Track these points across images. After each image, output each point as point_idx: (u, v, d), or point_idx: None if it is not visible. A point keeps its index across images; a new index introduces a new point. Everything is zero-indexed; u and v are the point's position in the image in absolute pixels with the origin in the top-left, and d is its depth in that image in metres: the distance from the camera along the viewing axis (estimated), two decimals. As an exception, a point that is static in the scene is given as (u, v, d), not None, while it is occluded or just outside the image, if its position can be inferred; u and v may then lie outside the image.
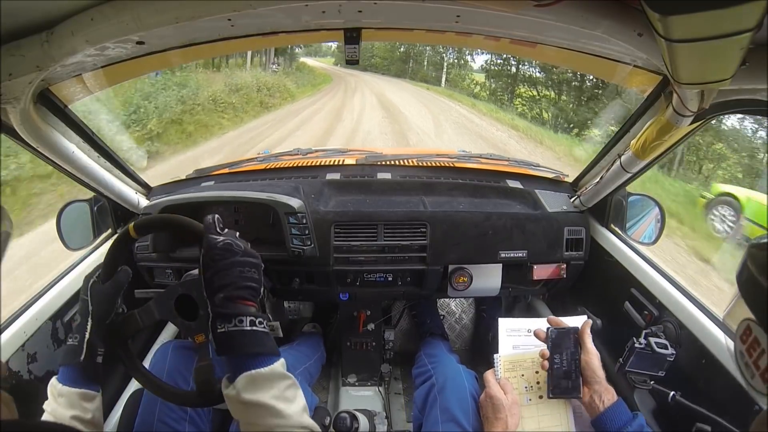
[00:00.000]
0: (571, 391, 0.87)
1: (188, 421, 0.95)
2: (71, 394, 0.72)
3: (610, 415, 0.81)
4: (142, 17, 0.61)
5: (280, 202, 1.18)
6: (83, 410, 0.72)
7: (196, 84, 8.95)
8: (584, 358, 0.87)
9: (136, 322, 0.82)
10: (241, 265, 0.67)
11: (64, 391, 0.72)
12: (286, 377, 0.65)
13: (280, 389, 0.63)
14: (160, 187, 1.41)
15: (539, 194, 1.37)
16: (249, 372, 0.62)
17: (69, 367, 0.74)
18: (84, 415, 0.72)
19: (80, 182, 1.10)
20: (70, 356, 0.75)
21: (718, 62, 0.55)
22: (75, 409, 0.71)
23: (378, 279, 1.29)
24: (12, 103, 0.74)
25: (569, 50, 0.86)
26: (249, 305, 0.66)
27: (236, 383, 0.62)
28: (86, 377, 0.74)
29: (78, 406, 0.72)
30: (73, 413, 0.71)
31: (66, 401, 0.72)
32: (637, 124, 1.02)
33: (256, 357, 0.63)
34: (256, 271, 0.69)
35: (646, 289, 1.10)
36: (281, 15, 0.74)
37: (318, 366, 1.46)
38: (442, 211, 1.26)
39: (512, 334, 0.96)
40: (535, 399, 0.90)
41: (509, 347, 0.94)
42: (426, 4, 0.65)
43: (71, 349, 0.75)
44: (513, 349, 0.94)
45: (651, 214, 1.22)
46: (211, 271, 0.66)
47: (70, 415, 0.70)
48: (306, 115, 10.86)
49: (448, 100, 16.83)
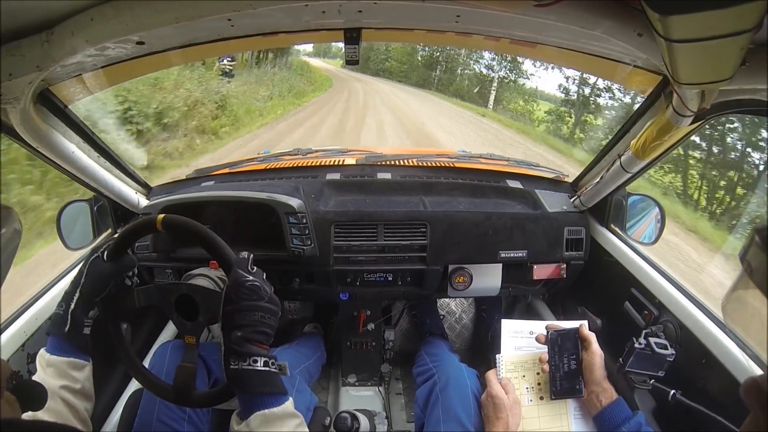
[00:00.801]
0: (573, 392, 0.87)
1: (187, 421, 0.95)
2: (60, 363, 0.72)
3: (608, 413, 0.82)
4: (142, 17, 0.61)
5: (280, 202, 1.18)
6: (72, 380, 0.72)
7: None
8: (586, 357, 0.87)
9: (132, 299, 0.81)
10: (263, 310, 0.69)
11: (53, 361, 0.72)
12: (296, 416, 0.68)
13: (291, 427, 0.66)
14: (160, 187, 1.41)
15: (539, 194, 1.37)
16: (262, 411, 0.64)
17: (56, 336, 0.74)
18: (73, 385, 0.71)
19: (80, 182, 1.10)
20: (56, 326, 0.75)
21: (718, 62, 0.55)
22: (64, 379, 0.71)
23: (378, 279, 1.29)
24: (12, 103, 0.74)
25: (569, 50, 0.86)
26: (263, 348, 0.68)
27: (249, 421, 0.64)
28: (74, 347, 0.74)
29: (67, 375, 0.72)
30: (63, 383, 0.71)
31: (54, 371, 0.71)
32: (637, 124, 1.02)
33: (268, 396, 0.66)
34: (275, 318, 0.71)
35: (646, 289, 1.10)
36: (281, 15, 0.74)
37: (318, 366, 1.46)
38: (442, 211, 1.26)
39: (515, 336, 0.96)
40: (536, 400, 0.90)
41: (511, 348, 0.95)
42: (426, 4, 0.65)
43: (57, 318, 0.75)
44: (515, 350, 0.95)
45: (651, 214, 1.22)
46: (233, 308, 0.68)
47: (59, 385, 0.70)
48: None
49: (513, 133, 10.75)
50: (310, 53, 22.46)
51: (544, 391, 0.90)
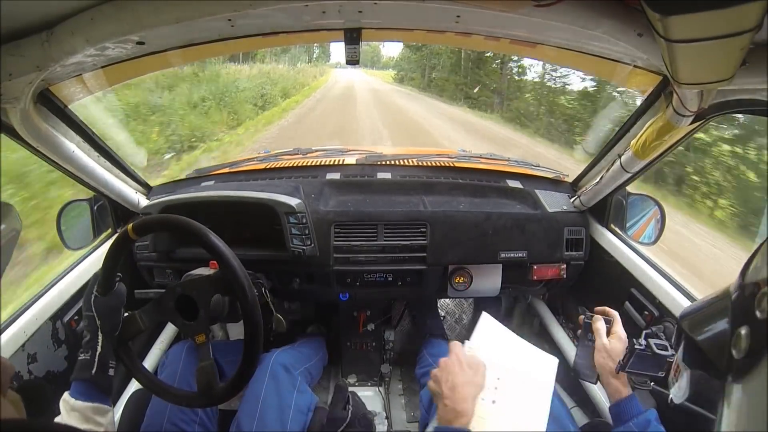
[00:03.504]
0: (587, 377, 0.92)
1: (198, 423, 0.95)
2: (84, 409, 0.73)
3: (613, 410, 0.84)
4: (142, 17, 0.62)
5: (280, 202, 1.18)
6: (96, 424, 0.73)
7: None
8: (596, 348, 0.89)
9: (137, 323, 0.82)
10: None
11: (77, 406, 0.73)
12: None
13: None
14: (160, 187, 1.42)
15: (539, 194, 1.37)
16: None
17: (81, 381, 0.75)
18: (97, 428, 0.73)
19: (80, 182, 1.10)
20: (82, 371, 0.75)
21: (718, 62, 0.55)
22: (88, 424, 0.72)
23: (378, 279, 1.29)
24: (12, 103, 0.74)
25: (569, 50, 0.86)
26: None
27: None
28: (98, 391, 0.75)
29: (91, 420, 0.73)
30: (87, 427, 0.72)
31: (79, 416, 0.72)
32: (637, 124, 1.02)
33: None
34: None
35: (646, 289, 1.10)
36: (281, 15, 0.74)
37: (319, 367, 1.45)
38: (442, 211, 1.26)
39: (488, 331, 0.92)
40: (488, 401, 0.82)
41: (481, 341, 0.90)
42: (426, 4, 0.65)
43: (83, 364, 0.76)
44: (484, 344, 0.89)
45: (651, 214, 1.22)
46: None
47: (83, 429, 0.71)
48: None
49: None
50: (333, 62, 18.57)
51: (500, 397, 0.83)
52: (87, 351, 0.76)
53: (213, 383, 0.81)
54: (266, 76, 12.89)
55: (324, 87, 19.75)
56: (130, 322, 0.82)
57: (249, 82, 11.17)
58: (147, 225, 0.82)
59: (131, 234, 0.78)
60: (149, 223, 0.83)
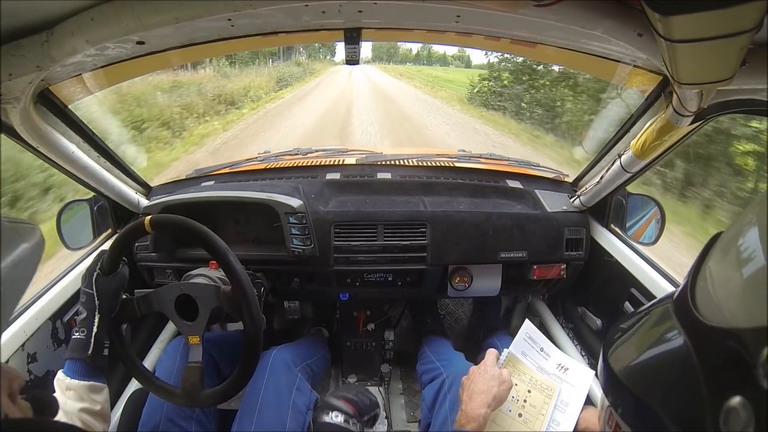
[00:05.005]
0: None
1: (195, 420, 0.95)
2: (80, 387, 0.73)
3: None
4: (142, 17, 0.61)
5: (280, 202, 1.18)
6: (92, 402, 0.73)
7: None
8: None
9: (132, 308, 0.82)
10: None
11: (73, 385, 0.73)
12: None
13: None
14: (160, 187, 1.42)
15: (539, 194, 1.37)
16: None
17: (76, 360, 0.75)
18: (93, 407, 0.73)
19: (80, 182, 1.10)
20: (77, 350, 0.75)
21: (718, 62, 0.55)
22: (84, 402, 0.73)
23: (378, 279, 1.29)
24: (12, 103, 0.74)
25: (569, 50, 0.86)
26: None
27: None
28: (93, 370, 0.75)
29: (87, 398, 0.73)
30: (83, 405, 0.72)
31: (75, 394, 0.73)
32: (637, 124, 1.02)
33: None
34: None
35: (646, 289, 1.10)
36: (281, 15, 0.74)
37: (322, 364, 1.45)
38: (442, 211, 1.26)
39: (528, 341, 0.95)
40: (514, 413, 0.87)
41: (520, 350, 0.94)
42: (426, 4, 0.65)
43: (78, 343, 0.76)
44: (521, 355, 0.94)
45: (651, 214, 1.21)
46: None
47: (79, 408, 0.71)
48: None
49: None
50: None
51: (527, 412, 0.87)
52: (82, 330, 0.76)
53: (198, 385, 0.80)
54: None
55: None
56: (126, 306, 0.82)
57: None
58: (165, 224, 0.81)
59: (147, 227, 0.78)
60: (168, 222, 0.82)
